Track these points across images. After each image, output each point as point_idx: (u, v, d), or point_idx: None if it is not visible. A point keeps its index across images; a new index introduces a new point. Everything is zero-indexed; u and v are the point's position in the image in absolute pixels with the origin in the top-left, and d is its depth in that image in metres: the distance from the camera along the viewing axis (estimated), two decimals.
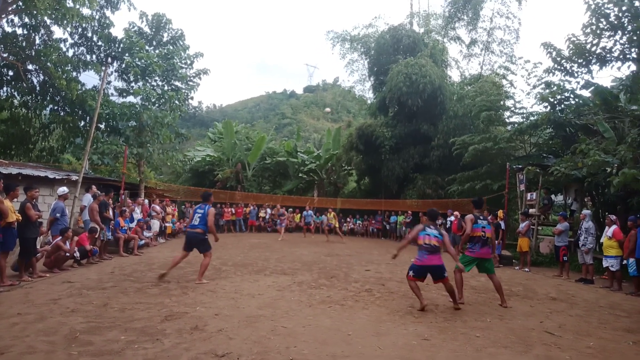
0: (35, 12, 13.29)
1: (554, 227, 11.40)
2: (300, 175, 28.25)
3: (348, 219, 23.99)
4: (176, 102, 19.57)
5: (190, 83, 20.90)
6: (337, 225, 19.92)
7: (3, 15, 14.06)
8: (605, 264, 9.37)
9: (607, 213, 11.79)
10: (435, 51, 22.92)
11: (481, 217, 7.10)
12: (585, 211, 10.89)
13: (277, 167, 29.12)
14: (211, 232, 7.96)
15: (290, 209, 24.17)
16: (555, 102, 13.99)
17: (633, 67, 12.31)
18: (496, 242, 12.45)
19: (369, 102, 30.20)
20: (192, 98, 21.56)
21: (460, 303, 6.62)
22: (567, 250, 11.00)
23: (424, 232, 6.51)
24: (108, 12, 16.67)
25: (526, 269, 11.68)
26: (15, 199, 7.58)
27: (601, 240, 9.76)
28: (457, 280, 6.94)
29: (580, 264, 10.40)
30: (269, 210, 23.44)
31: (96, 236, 9.93)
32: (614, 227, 9.23)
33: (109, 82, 18.21)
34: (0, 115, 17.79)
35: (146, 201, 15.86)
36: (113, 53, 17.75)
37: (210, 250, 8.02)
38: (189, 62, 20.81)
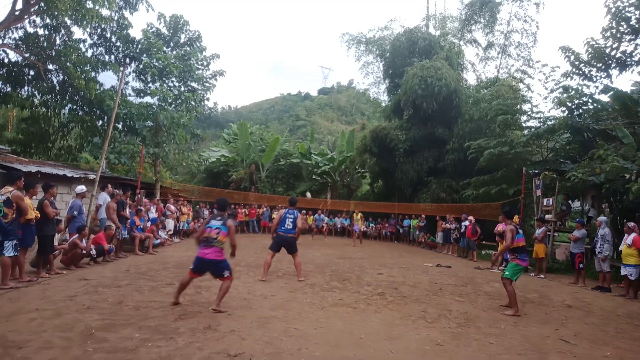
0: (56, 13, 13.54)
1: (571, 234, 11.19)
2: (313, 177, 28.28)
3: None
4: (192, 103, 19.79)
5: (207, 84, 21.11)
6: (362, 228, 19.81)
7: (25, 16, 14.37)
8: (623, 272, 9.16)
9: (625, 220, 11.57)
10: (451, 54, 22.81)
11: (519, 227, 7.04)
12: (601, 218, 10.69)
13: (290, 168, 29.19)
14: (297, 235, 8.75)
15: (303, 211, 24.22)
16: (573, 106, 13.82)
17: None
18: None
19: (383, 104, 30.16)
20: (207, 99, 21.84)
21: (516, 315, 6.47)
22: (583, 257, 10.82)
23: (208, 224, 6.05)
24: (127, 13, 16.97)
25: (541, 276, 11.53)
26: (34, 197, 7.73)
27: (620, 248, 9.58)
28: (510, 292, 6.70)
29: (597, 271, 10.21)
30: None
31: (112, 234, 10.06)
32: (633, 234, 9.02)
33: (126, 83, 18.51)
34: (21, 114, 18.18)
35: (160, 203, 16.00)
36: (131, 54, 18.02)
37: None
38: (205, 63, 21.04)
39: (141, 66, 18.25)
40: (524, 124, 17.86)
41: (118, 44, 17.76)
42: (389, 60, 25.52)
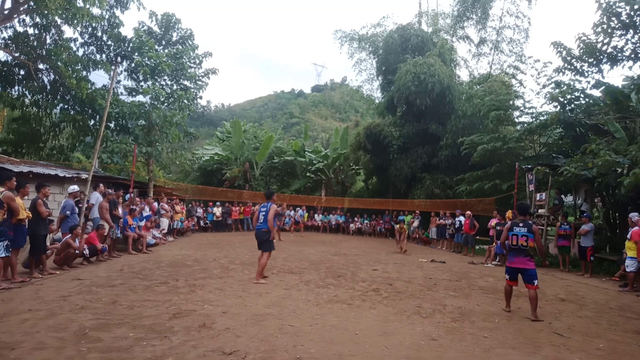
0: (46, 11, 13.39)
1: (580, 228, 11.29)
2: (308, 174, 28.26)
3: (355, 219, 23.97)
4: (185, 101, 19.65)
5: (199, 82, 20.97)
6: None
7: (15, 15, 14.21)
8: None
9: (617, 214, 11.66)
10: (443, 50, 22.82)
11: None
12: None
13: (284, 166, 29.17)
14: (270, 229, 8.08)
15: (298, 208, 24.21)
16: (565, 101, 13.86)
17: None
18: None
19: (377, 101, 30.17)
20: (200, 97, 21.66)
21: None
22: (593, 250, 11.03)
23: (512, 231, 6.37)
24: (118, 12, 16.77)
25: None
26: (26, 197, 7.66)
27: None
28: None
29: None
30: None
31: (105, 234, 10.01)
32: (635, 228, 9.15)
33: (118, 82, 18.36)
34: (12, 114, 17.97)
35: (155, 204, 15.90)
36: (123, 52, 17.87)
37: (271, 251, 8.18)
38: (197, 61, 20.89)
39: (133, 65, 18.10)
40: (516, 120, 17.92)
41: (109, 42, 17.59)
42: (382, 57, 25.51)
